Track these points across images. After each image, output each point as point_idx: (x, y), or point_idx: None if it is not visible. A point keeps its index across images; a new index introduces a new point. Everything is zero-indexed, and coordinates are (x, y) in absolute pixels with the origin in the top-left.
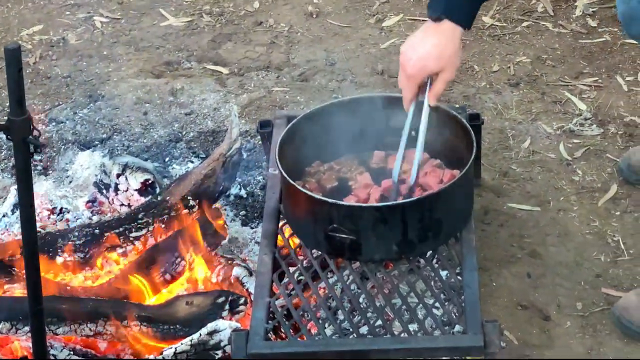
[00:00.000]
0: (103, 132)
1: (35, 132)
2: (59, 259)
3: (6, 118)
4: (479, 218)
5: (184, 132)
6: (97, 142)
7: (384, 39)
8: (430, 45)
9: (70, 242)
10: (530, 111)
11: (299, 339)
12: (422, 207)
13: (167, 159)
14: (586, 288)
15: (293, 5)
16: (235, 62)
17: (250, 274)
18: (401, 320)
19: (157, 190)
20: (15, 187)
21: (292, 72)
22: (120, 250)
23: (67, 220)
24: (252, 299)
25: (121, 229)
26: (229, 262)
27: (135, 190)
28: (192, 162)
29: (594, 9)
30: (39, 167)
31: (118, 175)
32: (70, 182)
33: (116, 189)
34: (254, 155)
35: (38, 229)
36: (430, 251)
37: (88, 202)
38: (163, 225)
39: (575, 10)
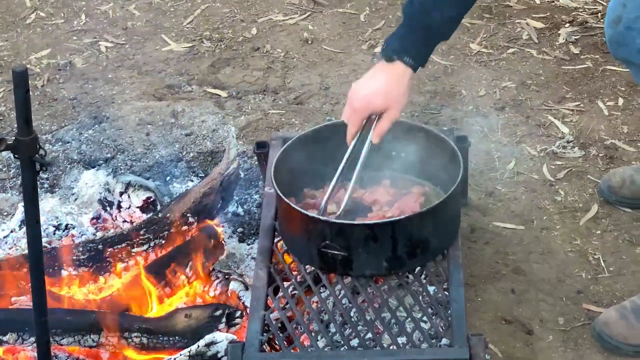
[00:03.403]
0: (107, 152)
1: (42, 151)
2: (64, 273)
3: (14, 138)
4: (465, 236)
5: (184, 153)
6: (101, 162)
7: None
8: (379, 83)
9: (74, 257)
10: (515, 134)
11: (292, 350)
12: (411, 225)
13: (168, 178)
14: (568, 304)
15: (289, 32)
16: (233, 85)
17: (247, 288)
18: (390, 334)
19: (158, 207)
20: (23, 204)
21: (287, 95)
22: (122, 265)
23: (72, 235)
24: (248, 312)
25: (123, 245)
26: (226, 276)
27: (138, 207)
28: (191, 180)
29: (576, 37)
30: (46, 185)
31: (121, 193)
32: (76, 199)
33: (119, 207)
34: (251, 174)
35: (44, 244)
36: (419, 267)
37: (92, 218)
38: (164, 241)
39: (558, 37)
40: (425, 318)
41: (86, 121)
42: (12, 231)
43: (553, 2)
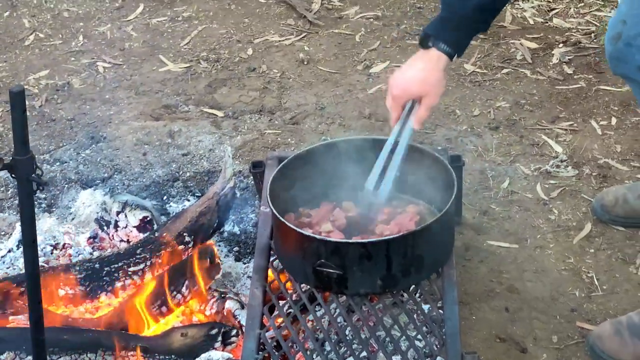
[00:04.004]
0: (104, 171)
1: (39, 171)
2: (61, 292)
3: (11, 157)
4: (459, 254)
5: (180, 172)
6: (98, 181)
7: (371, 85)
8: (416, 70)
9: (72, 276)
10: (509, 153)
11: None
12: (405, 243)
13: (164, 197)
14: (561, 322)
15: (285, 53)
16: (230, 106)
17: (242, 307)
18: (385, 352)
19: (155, 227)
20: (20, 223)
21: (283, 115)
22: (119, 284)
23: (70, 255)
24: (244, 330)
25: (120, 264)
26: (222, 295)
27: (134, 227)
28: (188, 200)
29: (569, 57)
30: (44, 205)
31: (118, 213)
32: (73, 219)
33: (116, 226)
34: (247, 194)
35: (41, 264)
36: (413, 285)
37: (89, 238)
38: (160, 260)
39: (552, 58)
40: (419, 336)
41: (84, 141)
42: (9, 251)
43: (547, 22)
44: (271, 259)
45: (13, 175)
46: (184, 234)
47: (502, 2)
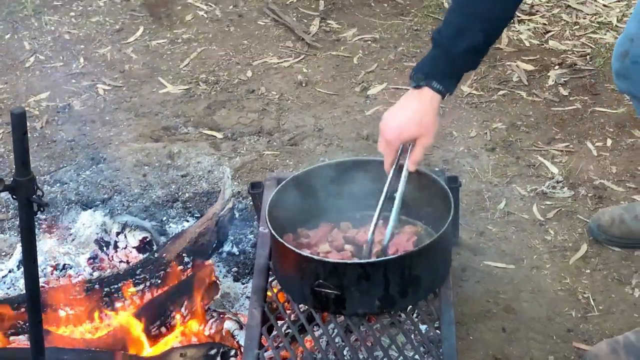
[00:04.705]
0: (104, 192)
1: (39, 192)
2: (61, 312)
3: (12, 178)
4: (456, 275)
5: (180, 193)
6: (98, 202)
7: (368, 106)
8: (410, 112)
9: (72, 296)
10: (505, 174)
11: None
12: (403, 264)
13: (164, 218)
14: (558, 342)
15: (283, 75)
16: (229, 127)
17: (241, 327)
18: None
19: (154, 247)
20: (21, 244)
21: (282, 137)
22: (118, 304)
23: (70, 275)
24: (242, 351)
25: (120, 284)
26: (221, 315)
27: (134, 247)
28: (187, 221)
29: (565, 79)
30: (44, 226)
31: (118, 234)
32: (73, 239)
33: (116, 247)
34: (246, 214)
35: (42, 284)
36: (411, 306)
37: (89, 258)
38: (160, 281)
39: (548, 80)
40: (417, 356)
41: (84, 162)
42: (10, 271)
43: (542, 45)
44: (270, 279)
45: (14, 196)
46: (183, 255)
47: (492, 42)
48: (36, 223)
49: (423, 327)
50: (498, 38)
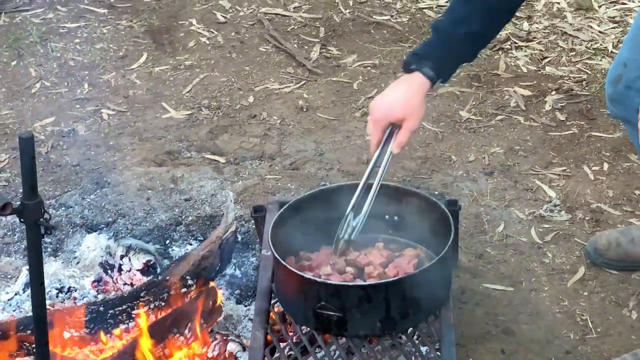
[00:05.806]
0: (109, 216)
1: (47, 215)
2: (67, 334)
3: (20, 202)
4: (456, 297)
5: (183, 217)
6: (103, 226)
7: None
8: (398, 93)
9: (77, 319)
10: (503, 198)
11: None
12: (403, 286)
13: (167, 242)
14: None
15: (285, 100)
16: (231, 152)
17: (244, 349)
18: None
19: (158, 270)
20: (27, 267)
21: (283, 161)
22: (123, 327)
23: (75, 298)
24: None
25: (124, 307)
26: (224, 338)
27: (138, 270)
28: (190, 244)
29: (562, 104)
30: (49, 249)
31: (122, 257)
32: (78, 262)
33: (120, 269)
34: (248, 238)
35: (47, 307)
36: (411, 328)
37: (94, 281)
38: (163, 303)
39: (545, 105)
40: None
41: (88, 186)
42: (16, 294)
43: (539, 70)
44: (272, 301)
45: (21, 220)
46: (187, 277)
47: (492, 35)
48: (42, 246)
49: (424, 349)
50: (498, 33)
